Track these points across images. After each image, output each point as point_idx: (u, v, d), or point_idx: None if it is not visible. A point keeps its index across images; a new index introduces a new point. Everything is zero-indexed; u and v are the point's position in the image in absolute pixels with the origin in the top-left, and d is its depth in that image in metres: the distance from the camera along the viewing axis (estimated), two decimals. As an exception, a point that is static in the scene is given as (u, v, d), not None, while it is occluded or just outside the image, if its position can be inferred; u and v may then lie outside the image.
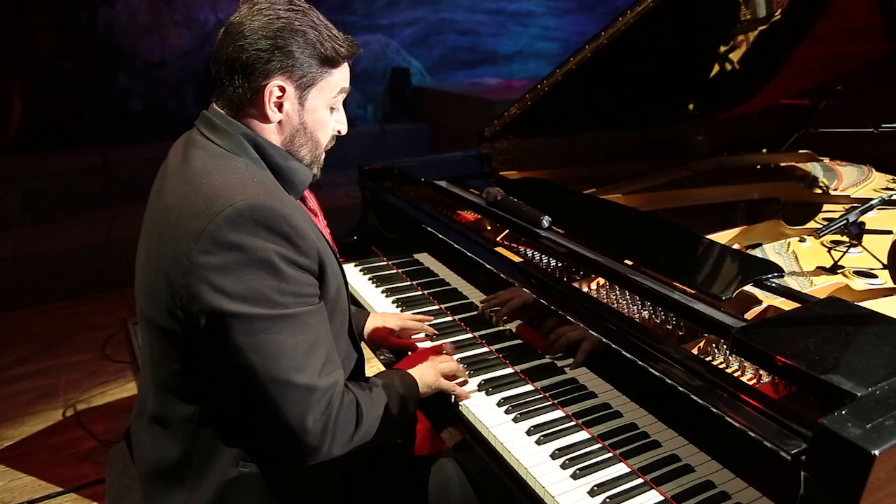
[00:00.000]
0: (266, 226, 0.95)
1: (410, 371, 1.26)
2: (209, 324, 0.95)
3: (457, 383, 1.30)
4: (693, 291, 1.12)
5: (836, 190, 2.13)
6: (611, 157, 2.32)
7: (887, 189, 2.13)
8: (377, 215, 2.02)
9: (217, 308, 0.93)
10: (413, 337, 1.50)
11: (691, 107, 2.68)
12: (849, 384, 0.80)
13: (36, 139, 4.24)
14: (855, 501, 0.68)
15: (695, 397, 0.94)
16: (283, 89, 1.04)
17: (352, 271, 1.92)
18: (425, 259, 1.85)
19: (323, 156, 1.16)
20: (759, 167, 2.49)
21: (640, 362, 1.06)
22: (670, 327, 1.18)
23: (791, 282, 1.43)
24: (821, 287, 1.30)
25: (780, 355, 0.87)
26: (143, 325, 1.13)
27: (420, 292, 1.75)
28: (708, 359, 1.12)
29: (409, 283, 1.82)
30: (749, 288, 1.16)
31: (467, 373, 1.34)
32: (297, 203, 1.11)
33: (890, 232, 1.74)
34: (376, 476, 1.27)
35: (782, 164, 2.50)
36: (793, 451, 0.77)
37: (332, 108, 1.12)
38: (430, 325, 1.53)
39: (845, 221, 1.50)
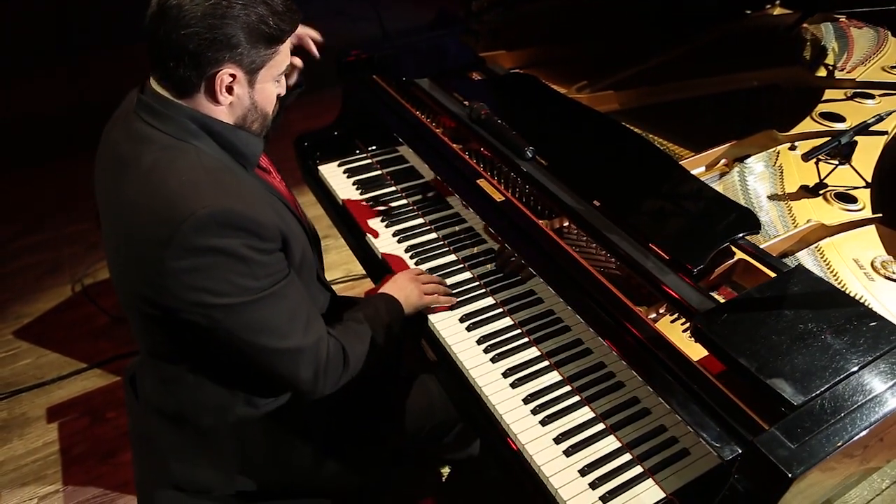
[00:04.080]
0: (229, 225, 0.98)
1: (395, 294, 1.35)
2: (193, 315, 1.02)
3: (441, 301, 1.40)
4: (665, 256, 1.15)
5: (842, 70, 2.02)
6: (609, 27, 2.15)
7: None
8: (358, 109, 1.93)
9: (200, 303, 1.00)
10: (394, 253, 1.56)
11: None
12: (790, 390, 0.88)
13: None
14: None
15: (648, 386, 1.03)
16: (233, 76, 1.03)
17: (335, 172, 1.90)
18: (409, 154, 1.82)
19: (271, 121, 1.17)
20: (768, 31, 2.32)
21: (601, 339, 1.13)
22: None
23: (772, 209, 1.45)
24: (794, 233, 1.32)
25: (734, 352, 0.94)
26: (124, 302, 1.17)
27: (405, 201, 1.76)
28: (674, 316, 1.19)
29: (393, 187, 1.81)
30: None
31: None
32: (251, 178, 1.12)
33: (885, 133, 1.70)
34: (365, 396, 1.41)
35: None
36: (727, 458, 0.88)
37: (276, 81, 1.11)
38: (414, 245, 1.59)
39: (837, 143, 1.46)
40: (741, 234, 1.18)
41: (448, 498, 1.85)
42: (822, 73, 2.01)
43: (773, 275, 1.13)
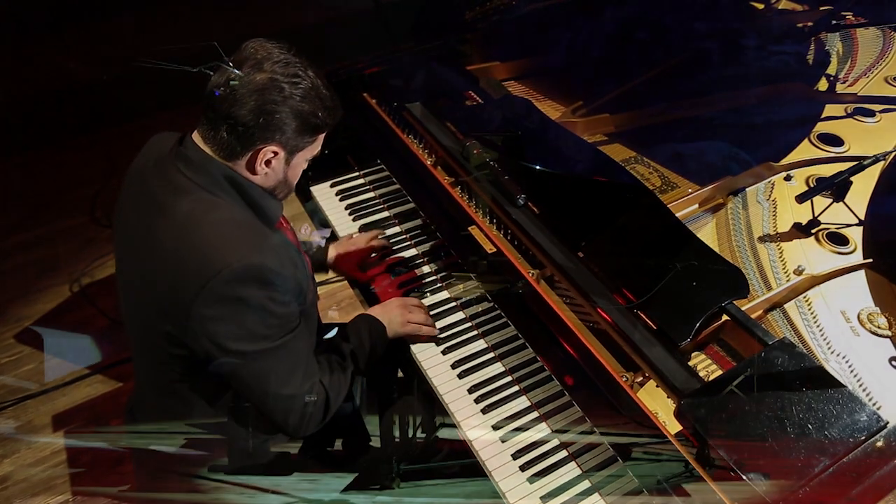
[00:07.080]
0: (257, 280, 1.08)
1: (381, 318, 1.42)
2: (210, 355, 1.11)
3: (427, 336, 1.46)
4: (652, 325, 1.16)
5: (844, 81, 1.98)
6: (604, 34, 2.08)
7: (899, 79, 1.97)
8: (349, 127, 1.90)
9: (219, 346, 1.10)
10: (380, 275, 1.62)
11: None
12: (763, 487, 0.92)
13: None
14: None
15: (629, 470, 1.06)
16: (275, 153, 1.12)
17: (327, 193, 1.89)
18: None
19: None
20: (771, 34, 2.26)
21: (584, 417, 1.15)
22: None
23: (763, 252, 1.45)
24: (784, 287, 1.33)
25: (714, 441, 0.97)
26: (135, 339, 1.25)
27: (398, 228, 1.75)
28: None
29: (386, 213, 1.80)
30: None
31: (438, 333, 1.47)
32: (272, 232, 1.20)
33: (883, 159, 1.67)
34: (356, 423, 1.48)
35: (798, 26, 2.27)
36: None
37: (306, 161, 1.21)
38: (407, 282, 1.60)
39: (830, 185, 1.45)
40: (728, 301, 1.19)
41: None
42: (824, 85, 1.97)
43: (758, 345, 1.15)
